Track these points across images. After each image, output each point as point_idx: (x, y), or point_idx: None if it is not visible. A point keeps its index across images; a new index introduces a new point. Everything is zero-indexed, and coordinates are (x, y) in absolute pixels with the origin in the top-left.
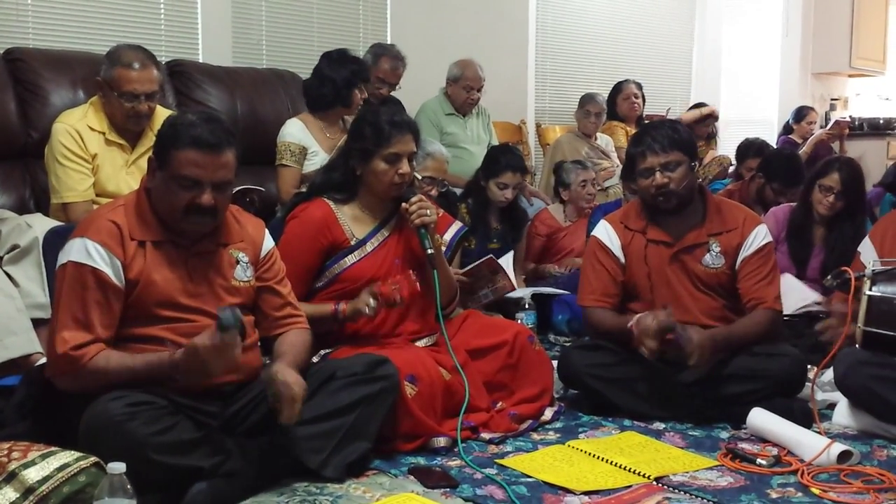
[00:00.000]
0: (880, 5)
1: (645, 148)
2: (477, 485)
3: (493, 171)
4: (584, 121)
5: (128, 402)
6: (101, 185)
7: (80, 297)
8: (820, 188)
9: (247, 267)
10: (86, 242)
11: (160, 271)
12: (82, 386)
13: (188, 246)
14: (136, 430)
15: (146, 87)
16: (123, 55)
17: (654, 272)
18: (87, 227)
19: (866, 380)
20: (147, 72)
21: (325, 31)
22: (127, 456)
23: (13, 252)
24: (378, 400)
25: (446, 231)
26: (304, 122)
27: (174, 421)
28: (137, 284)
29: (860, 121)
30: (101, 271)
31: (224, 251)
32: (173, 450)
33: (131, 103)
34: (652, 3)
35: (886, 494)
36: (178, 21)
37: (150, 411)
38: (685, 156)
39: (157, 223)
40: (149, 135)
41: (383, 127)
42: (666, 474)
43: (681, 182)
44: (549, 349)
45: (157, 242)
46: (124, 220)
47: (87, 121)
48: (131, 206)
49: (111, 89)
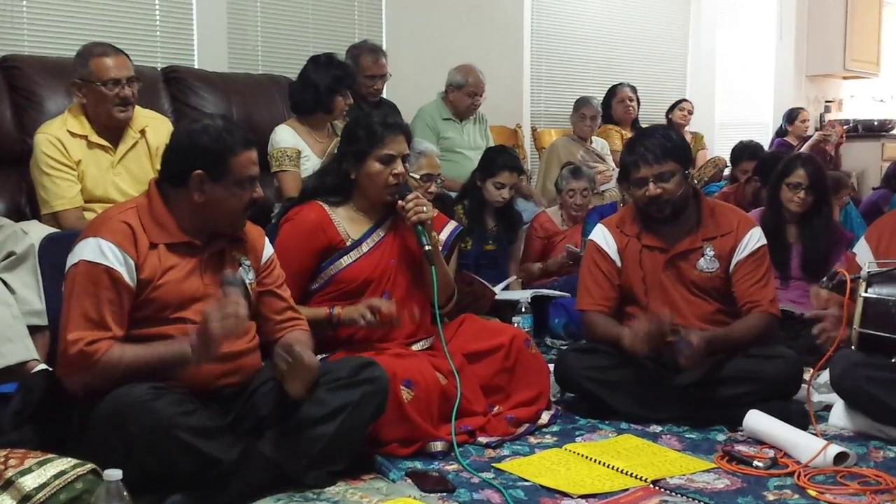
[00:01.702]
0: (874, 7)
1: (638, 158)
2: (474, 489)
3: (490, 171)
4: (580, 124)
5: (150, 386)
6: (89, 191)
7: (93, 295)
8: (788, 186)
9: (248, 270)
10: (100, 242)
11: (173, 272)
12: (94, 382)
13: (202, 247)
14: (164, 409)
15: (124, 72)
16: (94, 48)
17: (648, 277)
18: (99, 227)
19: (862, 381)
20: (121, 58)
21: (320, 37)
22: (154, 436)
23: (9, 259)
24: (362, 405)
25: (441, 230)
26: (293, 128)
27: (195, 407)
28: (148, 286)
29: (855, 122)
30: (116, 270)
31: (230, 252)
32: (199, 433)
33: (115, 89)
34: (646, 7)
35: (883, 496)
36: (173, 27)
37: (172, 395)
38: (679, 164)
39: (174, 225)
40: (130, 133)
41: (376, 128)
42: (663, 477)
43: (675, 192)
44: (545, 352)
45: (170, 245)
46: (137, 222)
47: (67, 127)
48: (144, 208)
49: (92, 82)
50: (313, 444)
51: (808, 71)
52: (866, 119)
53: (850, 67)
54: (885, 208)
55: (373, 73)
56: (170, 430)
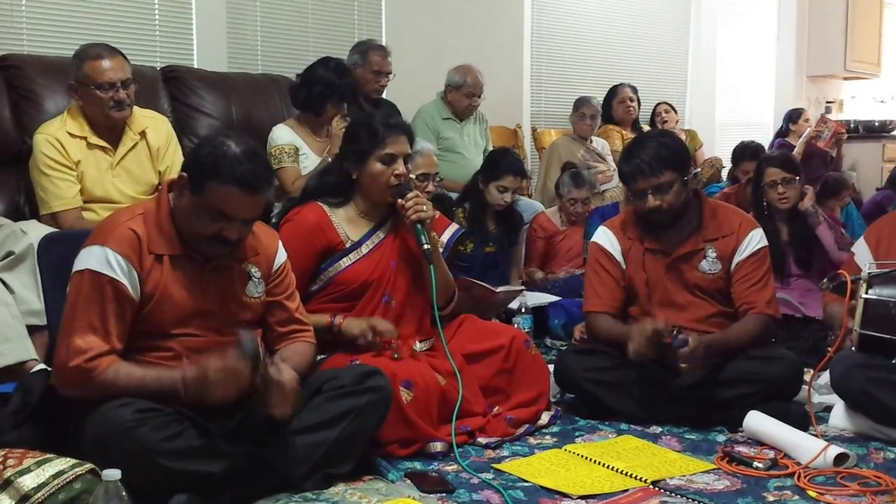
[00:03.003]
0: (874, 8)
1: (634, 170)
2: (473, 489)
3: (493, 175)
4: (580, 123)
5: (136, 409)
6: (88, 192)
7: (97, 305)
8: (768, 187)
9: (258, 283)
10: (106, 252)
11: (175, 286)
12: (89, 394)
13: (204, 262)
14: (147, 436)
15: (119, 74)
16: (90, 50)
17: (651, 279)
18: (107, 234)
19: (862, 382)
20: (117, 60)
21: (319, 36)
22: (136, 462)
23: (8, 259)
24: (366, 412)
25: (443, 232)
26: (291, 126)
27: (181, 428)
28: (152, 298)
29: (855, 123)
30: (120, 282)
31: (238, 266)
32: (183, 455)
33: (110, 92)
34: (647, 7)
35: (883, 497)
36: (172, 27)
37: (159, 418)
38: (677, 173)
39: (176, 237)
40: (129, 134)
41: (377, 128)
42: (663, 478)
43: (674, 202)
44: (545, 353)
45: (174, 257)
46: (143, 231)
47: (66, 128)
48: (151, 215)
49: (87, 85)
50: (314, 450)
51: (809, 71)
52: (867, 120)
53: (850, 68)
54: (888, 209)
55: (380, 68)
56: (151, 457)
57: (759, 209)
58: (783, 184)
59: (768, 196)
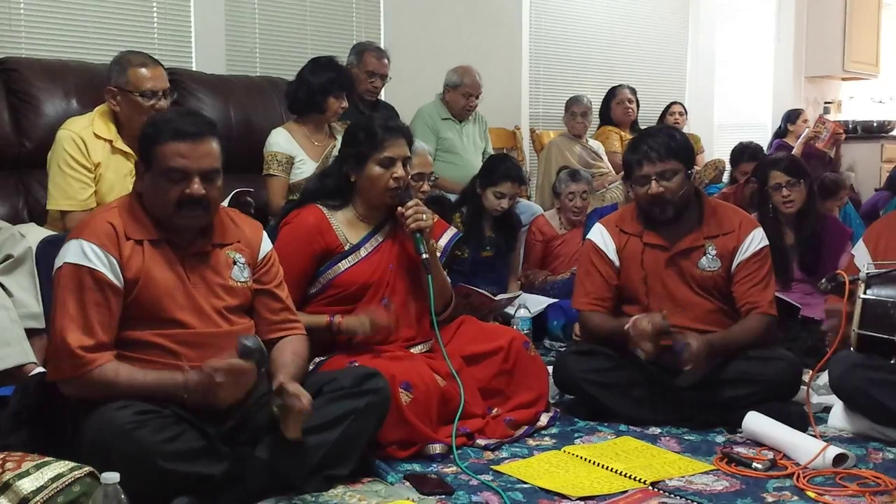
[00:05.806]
0: (872, 8)
1: (641, 156)
2: (472, 491)
3: (491, 180)
4: (572, 122)
5: (136, 411)
6: (104, 195)
7: (78, 298)
8: (772, 190)
9: (244, 268)
10: (81, 244)
11: (158, 269)
12: (87, 393)
13: (184, 246)
14: (146, 438)
15: (160, 83)
16: (133, 58)
17: (650, 275)
18: (81, 229)
19: (861, 383)
20: (158, 69)
21: (318, 39)
22: (136, 464)
23: (6, 262)
24: (365, 415)
25: (441, 237)
26: (290, 131)
27: (181, 430)
28: (137, 283)
29: (854, 124)
30: (99, 271)
31: (220, 252)
32: (183, 457)
33: (151, 101)
34: (645, 9)
35: (882, 497)
36: (171, 29)
37: (158, 419)
38: (681, 164)
39: (151, 223)
40: None
41: (377, 131)
42: (662, 479)
43: (677, 191)
44: (544, 355)
45: (154, 241)
46: (119, 221)
47: (93, 128)
48: (125, 207)
49: (129, 92)
50: (314, 453)
51: (807, 72)
52: (865, 120)
53: (849, 69)
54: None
55: (374, 69)
56: (151, 459)
57: (764, 212)
58: (788, 187)
59: (773, 199)
